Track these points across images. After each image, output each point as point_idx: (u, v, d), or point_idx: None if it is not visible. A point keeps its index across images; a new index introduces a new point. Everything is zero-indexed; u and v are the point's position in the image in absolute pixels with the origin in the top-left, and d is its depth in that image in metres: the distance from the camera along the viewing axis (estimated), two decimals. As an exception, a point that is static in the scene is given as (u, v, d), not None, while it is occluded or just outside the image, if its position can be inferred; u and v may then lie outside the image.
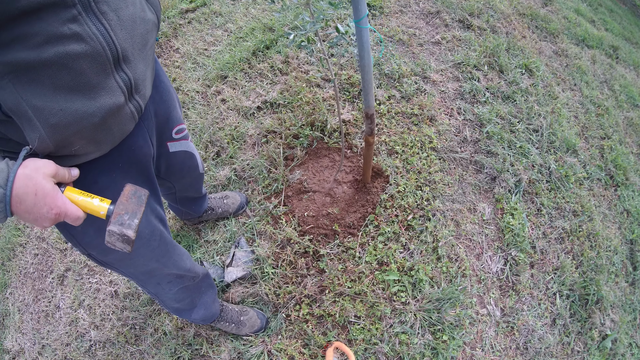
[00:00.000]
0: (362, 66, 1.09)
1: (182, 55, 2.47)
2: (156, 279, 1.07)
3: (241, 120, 2.06)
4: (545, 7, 3.15)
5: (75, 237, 0.81)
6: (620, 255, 1.93)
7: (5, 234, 2.13)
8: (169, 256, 1.02)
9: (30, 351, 1.73)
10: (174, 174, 1.19)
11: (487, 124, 2.06)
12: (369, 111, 1.26)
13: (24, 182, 0.58)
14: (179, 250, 1.09)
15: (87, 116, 0.63)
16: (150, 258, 0.97)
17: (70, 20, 0.57)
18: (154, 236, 0.94)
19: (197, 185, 1.42)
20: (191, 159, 1.20)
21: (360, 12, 0.94)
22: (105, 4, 0.62)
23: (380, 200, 1.74)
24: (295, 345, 1.48)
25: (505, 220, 1.79)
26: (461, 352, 1.49)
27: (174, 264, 1.06)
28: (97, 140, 0.69)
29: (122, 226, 0.66)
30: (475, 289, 1.61)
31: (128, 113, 0.72)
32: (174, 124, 1.05)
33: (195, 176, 1.30)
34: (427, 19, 2.57)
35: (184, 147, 1.13)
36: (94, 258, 0.88)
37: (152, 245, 0.94)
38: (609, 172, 2.20)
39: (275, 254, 1.65)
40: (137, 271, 1.01)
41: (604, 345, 1.67)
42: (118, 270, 0.98)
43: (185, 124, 1.14)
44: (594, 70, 2.79)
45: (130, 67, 0.69)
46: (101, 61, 0.62)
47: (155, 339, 1.58)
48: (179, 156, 1.13)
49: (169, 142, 1.06)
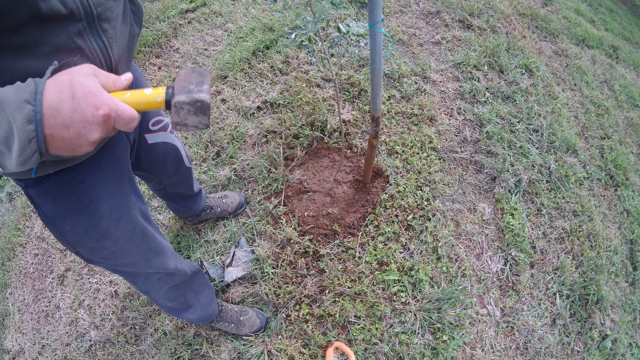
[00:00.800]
0: (373, 70, 1.10)
1: (182, 55, 2.47)
2: (145, 276, 1.08)
3: (241, 120, 2.06)
4: (545, 7, 3.15)
5: (65, 236, 0.82)
6: (620, 255, 1.93)
7: (5, 234, 2.13)
8: (153, 253, 1.03)
9: (30, 351, 1.73)
10: (157, 166, 1.19)
11: (487, 124, 2.06)
12: (375, 114, 1.28)
13: (57, 88, 0.49)
14: (163, 247, 1.09)
15: None
16: (135, 255, 0.97)
17: (76, 34, 0.59)
18: (135, 233, 0.95)
19: (187, 180, 1.40)
20: (174, 151, 1.20)
21: (376, 15, 0.95)
22: (106, 22, 0.65)
23: (380, 200, 1.74)
24: (295, 345, 1.48)
25: (505, 220, 1.79)
26: (461, 352, 1.49)
27: (159, 262, 1.06)
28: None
29: (191, 93, 0.54)
30: (475, 289, 1.61)
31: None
32: (149, 116, 1.07)
33: (182, 170, 1.30)
34: (427, 19, 2.57)
35: (162, 139, 1.13)
36: (82, 256, 0.89)
37: (134, 242, 0.95)
38: (609, 172, 2.20)
39: (275, 254, 1.65)
40: (123, 269, 1.01)
41: (604, 345, 1.67)
42: (106, 268, 0.99)
43: (164, 116, 1.13)
44: (594, 70, 2.79)
45: (120, 72, 0.72)
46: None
47: (155, 339, 1.58)
48: (159, 148, 1.14)
49: (147, 134, 1.07)
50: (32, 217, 2.11)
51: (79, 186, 0.78)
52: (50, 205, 0.77)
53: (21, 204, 2.17)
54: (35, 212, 1.06)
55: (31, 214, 2.12)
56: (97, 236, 0.85)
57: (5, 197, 2.31)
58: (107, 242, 0.87)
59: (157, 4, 2.80)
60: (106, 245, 0.88)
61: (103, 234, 0.85)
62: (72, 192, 0.78)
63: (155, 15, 2.72)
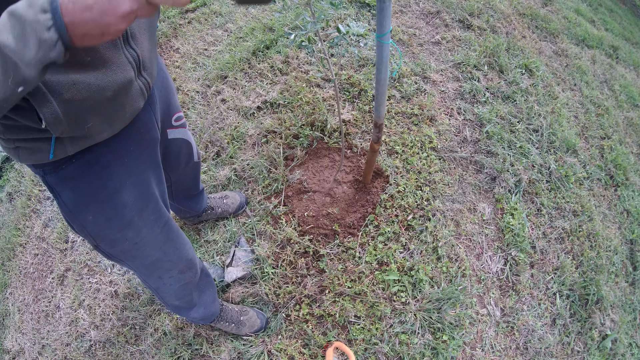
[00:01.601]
0: (378, 79, 1.12)
1: (182, 55, 2.47)
2: (159, 272, 1.07)
3: (241, 120, 2.06)
4: (545, 7, 3.15)
5: (86, 228, 0.80)
6: (620, 255, 1.93)
7: (5, 234, 2.13)
8: (172, 244, 1.02)
9: (30, 351, 1.73)
10: (171, 162, 1.19)
11: (487, 124, 2.06)
12: (378, 121, 1.30)
13: None
14: (182, 239, 1.09)
15: (100, 90, 0.63)
16: (154, 246, 0.97)
17: None
18: (158, 222, 0.94)
19: (194, 176, 1.41)
20: (187, 147, 1.21)
21: (385, 27, 0.95)
22: None
23: (380, 200, 1.74)
24: (295, 345, 1.48)
25: (505, 220, 1.79)
26: (461, 352, 1.49)
27: (177, 253, 1.06)
28: (110, 117, 0.69)
29: None
30: (475, 289, 1.61)
31: (137, 89, 0.73)
32: (173, 111, 1.07)
33: (191, 165, 1.30)
34: (427, 19, 2.57)
35: (181, 135, 1.15)
36: (101, 250, 0.88)
37: (155, 231, 0.94)
38: (609, 172, 2.20)
39: (275, 254, 1.65)
40: (141, 263, 1.01)
41: (604, 345, 1.67)
42: (123, 263, 0.98)
43: (182, 113, 1.16)
44: (594, 70, 2.79)
45: (137, 43, 0.70)
46: None
47: (155, 339, 1.58)
48: (177, 144, 1.15)
49: (169, 129, 1.08)
50: (32, 217, 2.12)
51: (102, 172, 0.75)
52: (71, 193, 0.74)
53: (21, 204, 2.17)
54: (55, 202, 1.02)
55: (31, 214, 2.12)
56: (120, 226, 0.83)
57: (6, 197, 2.31)
58: (129, 232, 0.86)
59: (157, 4, 2.79)
60: (128, 236, 0.86)
61: (126, 224, 0.83)
62: (95, 179, 0.75)
63: (155, 15, 2.72)
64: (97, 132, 0.69)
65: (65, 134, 0.63)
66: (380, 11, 0.92)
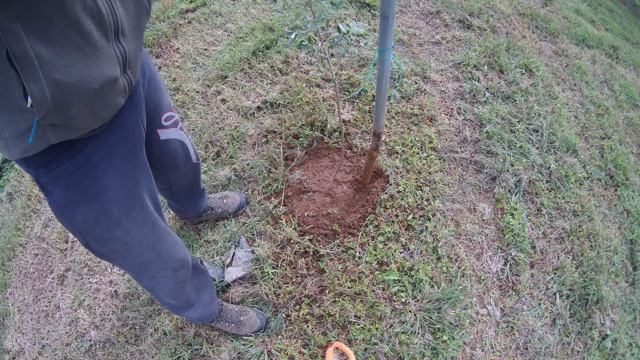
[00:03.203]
0: (378, 91, 1.16)
1: (182, 55, 2.47)
2: (151, 272, 1.08)
3: (241, 120, 2.06)
4: (545, 7, 3.15)
5: (76, 226, 0.81)
6: (620, 255, 1.93)
7: (5, 234, 2.13)
8: (163, 244, 1.03)
9: (30, 351, 1.73)
10: (167, 164, 1.19)
11: (487, 124, 2.06)
12: (377, 130, 1.33)
13: None
14: (172, 238, 1.09)
15: (89, 79, 0.64)
16: (145, 246, 0.97)
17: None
18: (147, 222, 0.94)
19: (194, 177, 1.41)
20: (183, 148, 1.21)
21: (387, 43, 0.97)
22: None
23: (380, 200, 1.74)
24: (295, 345, 1.48)
25: (505, 220, 1.79)
26: (461, 352, 1.49)
27: (168, 253, 1.06)
28: (93, 109, 0.70)
29: None
30: (475, 289, 1.61)
31: (121, 86, 0.74)
32: (162, 110, 1.07)
33: (190, 166, 1.30)
34: (427, 19, 2.57)
35: (174, 135, 1.14)
36: (92, 249, 0.89)
37: (145, 232, 0.94)
38: (609, 172, 2.20)
39: (275, 254, 1.65)
40: (133, 263, 1.01)
41: (604, 345, 1.67)
42: (114, 262, 0.98)
43: (175, 112, 1.15)
44: (594, 70, 2.79)
45: (126, 41, 0.72)
46: (105, 26, 0.65)
47: (155, 339, 1.58)
48: (171, 145, 1.14)
49: (159, 130, 1.08)
50: (32, 217, 2.12)
51: (92, 171, 0.77)
52: (62, 192, 0.76)
53: (21, 204, 2.17)
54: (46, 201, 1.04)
55: (31, 214, 2.12)
56: (109, 225, 0.84)
57: (5, 197, 2.31)
58: (118, 232, 0.87)
59: (157, 4, 2.80)
60: (117, 236, 0.87)
61: (115, 223, 0.85)
62: (85, 178, 0.77)
63: (155, 15, 2.72)
64: (78, 122, 0.69)
65: (49, 119, 0.63)
66: (384, 29, 0.94)
